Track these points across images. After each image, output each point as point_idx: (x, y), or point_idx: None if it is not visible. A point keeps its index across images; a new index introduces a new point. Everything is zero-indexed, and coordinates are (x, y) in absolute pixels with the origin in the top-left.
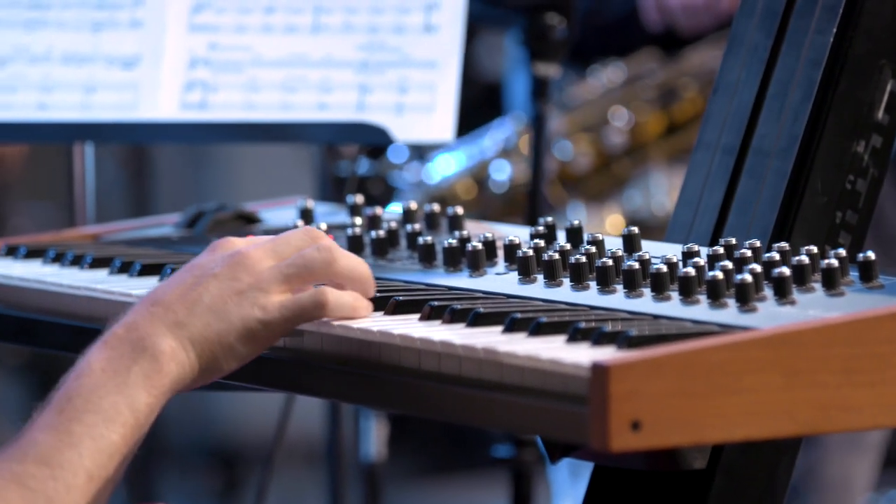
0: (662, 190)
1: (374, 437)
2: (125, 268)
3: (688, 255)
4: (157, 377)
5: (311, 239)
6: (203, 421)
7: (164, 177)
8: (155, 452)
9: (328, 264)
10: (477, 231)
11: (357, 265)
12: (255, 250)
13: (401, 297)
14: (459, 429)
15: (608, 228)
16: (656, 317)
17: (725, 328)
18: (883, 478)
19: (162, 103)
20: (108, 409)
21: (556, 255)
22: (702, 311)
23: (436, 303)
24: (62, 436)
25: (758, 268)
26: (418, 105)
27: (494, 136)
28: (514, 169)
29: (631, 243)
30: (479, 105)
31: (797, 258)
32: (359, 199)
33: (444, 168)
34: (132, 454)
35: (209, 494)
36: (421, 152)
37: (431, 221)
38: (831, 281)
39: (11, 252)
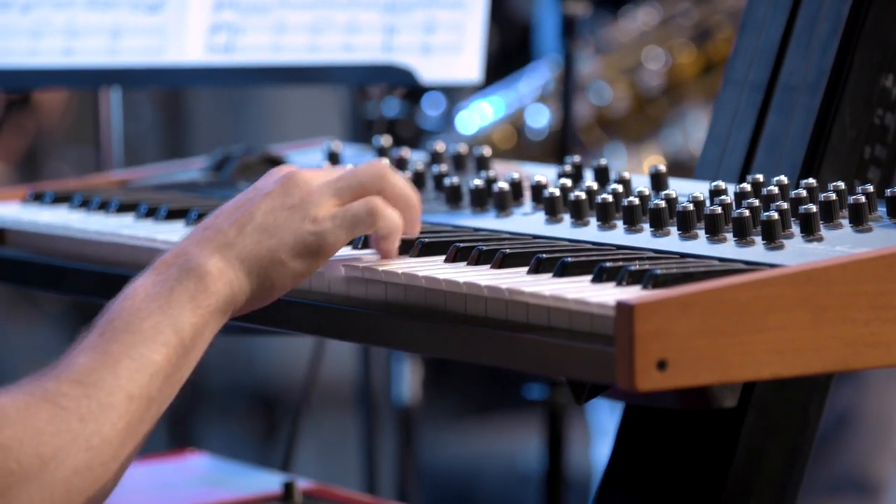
0: (700, 129)
1: (408, 380)
2: (151, 213)
3: (715, 193)
4: (203, 297)
5: (370, 165)
6: (242, 365)
7: (200, 121)
8: (194, 397)
9: (380, 178)
10: (504, 172)
11: (408, 188)
12: (308, 170)
13: (426, 239)
14: (493, 370)
15: (647, 170)
16: (683, 255)
17: (752, 266)
18: None
19: (188, 47)
20: (148, 329)
21: (583, 195)
22: (728, 249)
23: (461, 244)
24: (99, 356)
25: (784, 205)
26: (445, 45)
27: (530, 81)
28: (553, 114)
29: (658, 182)
30: (512, 49)
31: (824, 194)
32: (386, 140)
33: (481, 115)
34: (184, 376)
35: (249, 438)
36: (456, 99)
37: (458, 163)
38: (859, 217)
39: (38, 198)
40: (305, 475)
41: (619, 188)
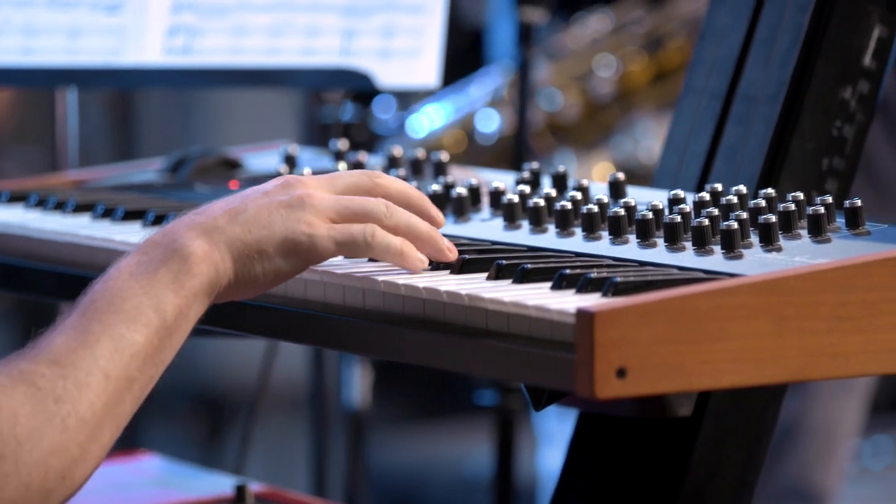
0: (650, 137)
1: (359, 383)
2: (108, 213)
3: (674, 202)
4: (187, 278)
5: (369, 177)
6: (186, 367)
7: (149, 122)
8: None
9: (385, 214)
10: (462, 177)
11: (417, 220)
12: (310, 178)
13: None
14: (444, 375)
15: (596, 176)
16: (642, 263)
17: (711, 275)
18: (869, 422)
19: (146, 48)
20: (130, 309)
21: (542, 202)
22: (687, 257)
23: None
24: (79, 335)
25: (744, 214)
26: (404, 50)
27: (481, 85)
28: (503, 119)
29: (617, 189)
30: (463, 53)
31: (783, 205)
32: (343, 144)
33: (432, 119)
34: (168, 357)
35: (194, 440)
36: (407, 103)
37: (416, 168)
38: (818, 227)
39: None
40: (254, 477)
41: (578, 195)
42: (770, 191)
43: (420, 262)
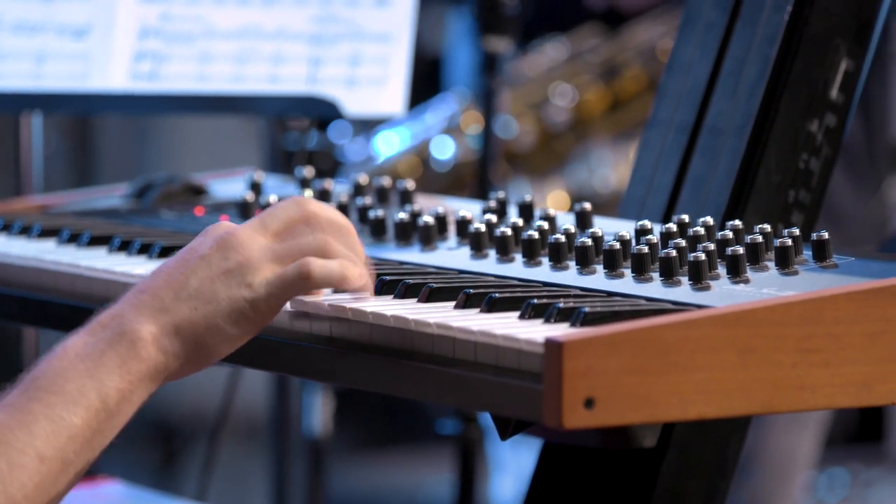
0: (606, 165)
1: (320, 411)
2: (73, 238)
3: (641, 233)
4: (134, 363)
5: (301, 209)
6: None
7: (108, 148)
8: None
9: (322, 250)
10: (428, 205)
11: (354, 245)
12: (243, 228)
13: None
14: (405, 403)
15: (551, 204)
16: (610, 294)
17: (679, 306)
18: (825, 455)
19: (112, 74)
20: (72, 391)
21: (509, 231)
22: (655, 288)
23: (388, 277)
24: (17, 414)
25: (711, 246)
26: (370, 78)
27: (437, 112)
28: (458, 146)
29: (583, 220)
30: (419, 80)
31: (751, 236)
32: (308, 171)
33: (388, 145)
34: (106, 440)
35: (150, 466)
36: (364, 127)
37: (381, 195)
38: (785, 260)
39: None
40: (215, 503)
41: (545, 225)
42: (737, 222)
43: (360, 278)
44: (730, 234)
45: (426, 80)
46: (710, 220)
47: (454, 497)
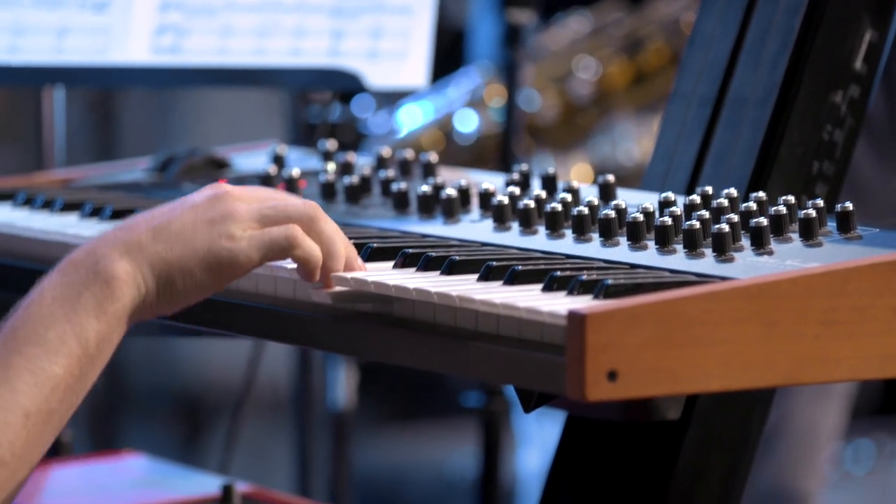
0: (629, 139)
1: (343, 384)
2: (96, 212)
3: (664, 205)
4: (110, 302)
5: (304, 203)
6: (167, 366)
7: (131, 121)
8: (117, 398)
9: (309, 219)
10: (451, 178)
11: (337, 234)
12: (238, 189)
13: (375, 245)
14: (429, 377)
15: (575, 178)
16: (633, 266)
17: (703, 278)
18: (851, 427)
19: (133, 47)
20: (53, 339)
21: (532, 203)
22: (678, 260)
23: (410, 250)
24: (0, 370)
25: (735, 217)
26: (392, 51)
27: (460, 85)
28: (482, 120)
29: (606, 192)
30: (442, 53)
31: (775, 208)
32: (331, 144)
33: (411, 119)
34: (89, 384)
35: (173, 440)
36: (387, 101)
37: (404, 168)
38: (809, 231)
39: None
40: (238, 477)
41: (568, 197)
42: (761, 194)
43: (328, 280)
44: (753, 206)
45: (449, 54)
46: (733, 191)
47: (479, 470)
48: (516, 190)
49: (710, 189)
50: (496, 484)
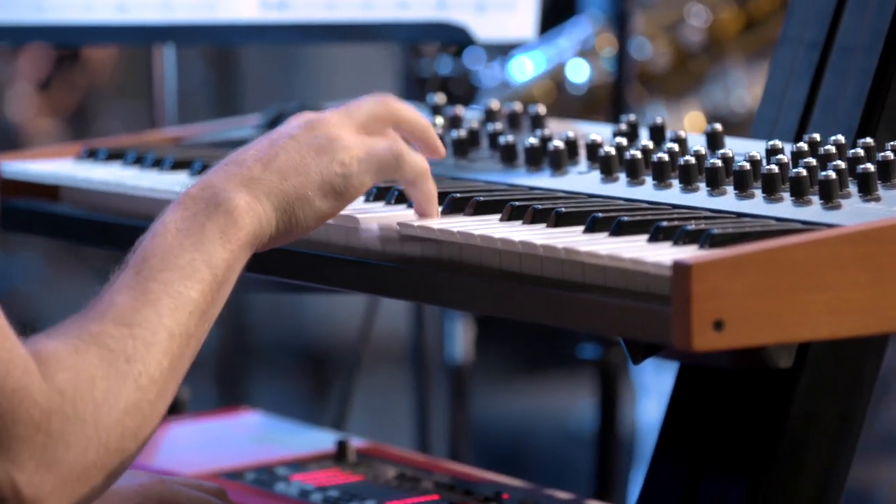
0: (742, 86)
1: (461, 338)
2: (205, 170)
3: (771, 152)
4: (233, 231)
5: (384, 104)
6: (290, 323)
7: (251, 78)
8: (243, 354)
9: (391, 112)
10: (559, 130)
11: (417, 113)
12: (330, 114)
13: (481, 198)
14: (546, 329)
15: (687, 126)
16: (739, 215)
17: (809, 226)
18: None
19: (241, 4)
20: (184, 266)
21: (639, 154)
22: (785, 208)
23: (517, 203)
24: (139, 295)
25: (842, 164)
26: (499, 3)
27: (571, 36)
28: (593, 69)
29: (714, 141)
30: (551, 4)
31: (882, 154)
32: (440, 98)
33: (523, 70)
34: (217, 311)
35: (298, 396)
36: (499, 53)
37: (513, 121)
38: None
39: (92, 155)
40: (357, 433)
41: (675, 147)
42: (868, 140)
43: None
44: (861, 153)
45: (560, 3)
46: (841, 138)
47: (598, 422)
48: (623, 141)
49: (817, 136)
50: (615, 435)
